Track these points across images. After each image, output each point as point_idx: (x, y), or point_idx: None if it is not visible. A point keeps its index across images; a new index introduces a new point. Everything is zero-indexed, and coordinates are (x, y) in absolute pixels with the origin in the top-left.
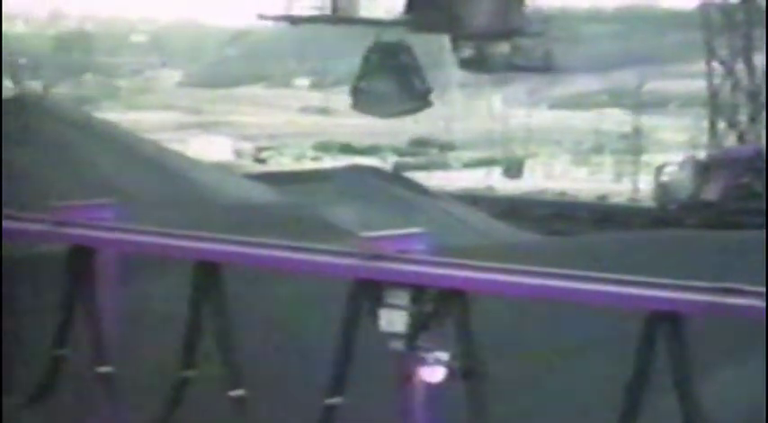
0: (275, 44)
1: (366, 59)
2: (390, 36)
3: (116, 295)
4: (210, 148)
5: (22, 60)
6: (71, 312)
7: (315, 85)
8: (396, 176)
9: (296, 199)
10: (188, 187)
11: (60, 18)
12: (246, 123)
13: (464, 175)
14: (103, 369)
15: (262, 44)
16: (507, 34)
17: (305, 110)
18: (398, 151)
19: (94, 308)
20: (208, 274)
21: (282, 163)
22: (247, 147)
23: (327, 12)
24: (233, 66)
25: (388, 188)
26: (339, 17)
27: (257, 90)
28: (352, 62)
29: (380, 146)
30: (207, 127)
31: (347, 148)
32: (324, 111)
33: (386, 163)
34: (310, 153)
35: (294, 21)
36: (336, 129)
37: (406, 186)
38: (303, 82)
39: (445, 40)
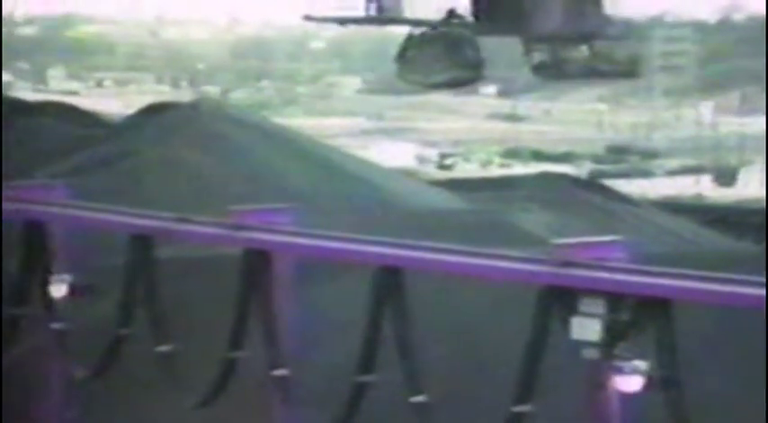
0: None
1: (422, 26)
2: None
3: (292, 299)
4: (393, 154)
5: (201, 66)
6: (246, 315)
7: (502, 93)
8: (591, 184)
9: (483, 205)
10: (369, 193)
11: (239, 24)
12: (430, 130)
13: (668, 183)
14: (279, 372)
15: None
16: (584, 37)
17: (492, 116)
18: (595, 158)
19: (271, 311)
20: (390, 279)
21: (468, 169)
22: (431, 153)
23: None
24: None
25: (584, 195)
26: (391, 18)
27: (441, 97)
28: None
29: (575, 153)
30: (389, 133)
31: (538, 155)
32: (512, 117)
33: (581, 170)
34: (498, 160)
35: (342, 22)
36: (526, 136)
37: (603, 194)
38: (490, 89)
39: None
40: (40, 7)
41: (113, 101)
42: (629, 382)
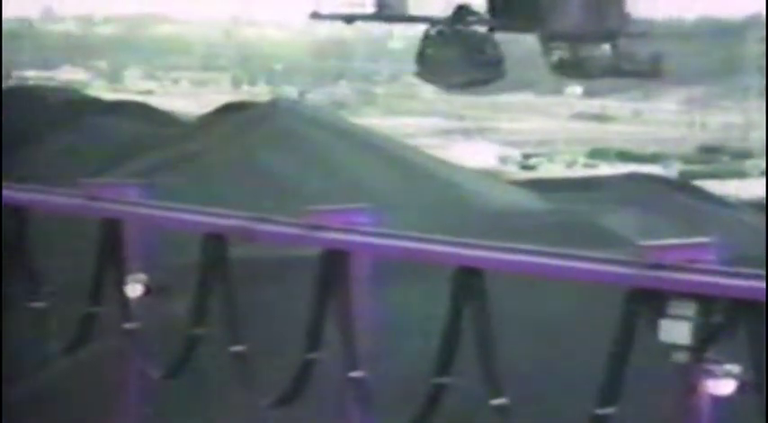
0: None
1: (432, 24)
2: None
3: (369, 300)
4: (474, 154)
5: (278, 66)
6: (323, 316)
7: (588, 93)
8: (681, 184)
9: (567, 206)
10: (450, 193)
11: (316, 25)
12: (512, 130)
13: (763, 184)
14: (355, 373)
15: (529, 51)
16: (604, 35)
17: (577, 116)
18: (685, 159)
19: (347, 312)
20: (469, 280)
21: (552, 170)
22: (514, 153)
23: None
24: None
25: (673, 196)
26: (402, 15)
27: (524, 97)
28: None
29: (664, 153)
30: (470, 133)
31: (626, 156)
32: (599, 117)
33: (670, 171)
34: (583, 160)
35: (349, 19)
36: (613, 136)
37: (693, 195)
38: (575, 89)
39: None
40: (118, 7)
41: (189, 100)
42: (722, 386)
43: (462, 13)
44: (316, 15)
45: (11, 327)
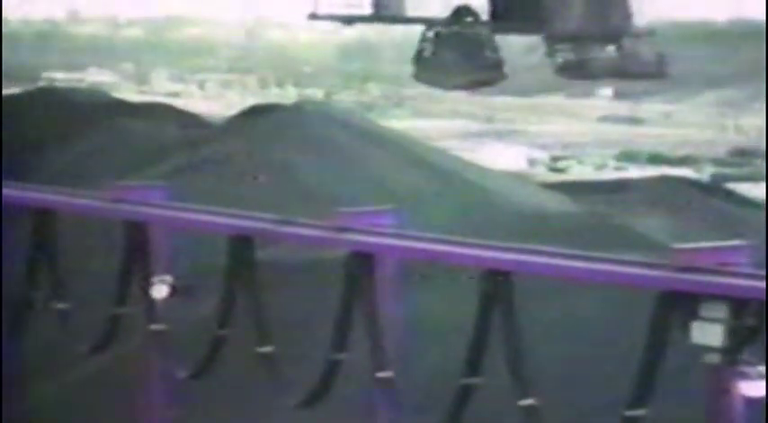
0: None
1: (431, 25)
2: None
3: (396, 301)
4: (503, 157)
5: (306, 68)
6: (349, 317)
7: (620, 95)
8: (713, 187)
9: (598, 209)
10: (478, 195)
11: (344, 27)
12: (542, 132)
13: None
14: (383, 374)
15: None
16: (608, 36)
17: (607, 119)
18: (717, 162)
19: (374, 313)
20: (497, 282)
21: (582, 172)
22: (542, 156)
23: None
24: (527, 75)
25: (705, 199)
26: (401, 17)
27: (553, 99)
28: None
29: (695, 156)
30: (499, 135)
31: (656, 158)
32: (630, 120)
33: (702, 174)
34: (613, 163)
35: (348, 21)
36: (643, 139)
37: (726, 198)
38: (606, 91)
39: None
40: (144, 9)
41: (215, 102)
42: (755, 388)
43: (462, 14)
44: (313, 16)
45: (36, 328)
